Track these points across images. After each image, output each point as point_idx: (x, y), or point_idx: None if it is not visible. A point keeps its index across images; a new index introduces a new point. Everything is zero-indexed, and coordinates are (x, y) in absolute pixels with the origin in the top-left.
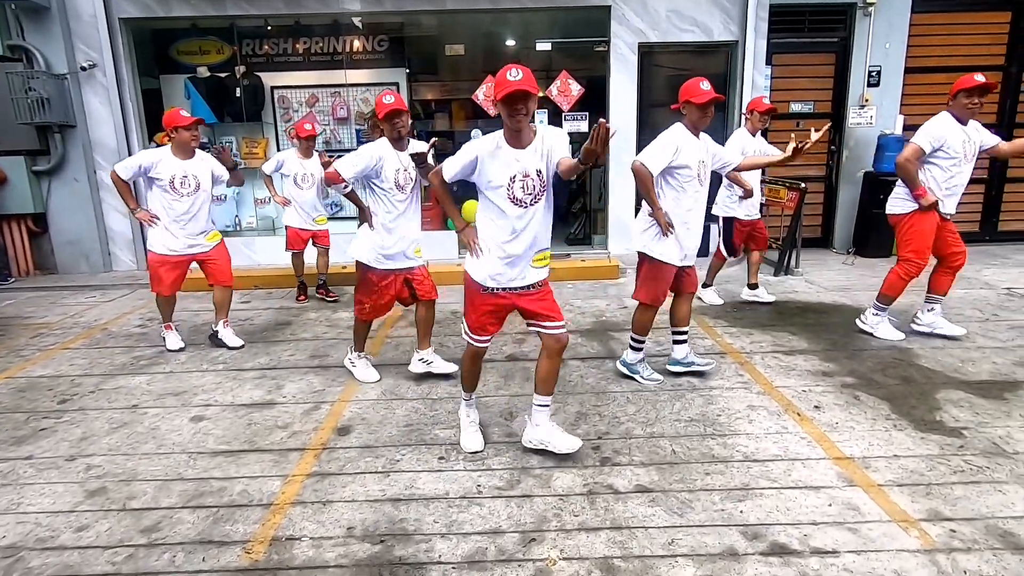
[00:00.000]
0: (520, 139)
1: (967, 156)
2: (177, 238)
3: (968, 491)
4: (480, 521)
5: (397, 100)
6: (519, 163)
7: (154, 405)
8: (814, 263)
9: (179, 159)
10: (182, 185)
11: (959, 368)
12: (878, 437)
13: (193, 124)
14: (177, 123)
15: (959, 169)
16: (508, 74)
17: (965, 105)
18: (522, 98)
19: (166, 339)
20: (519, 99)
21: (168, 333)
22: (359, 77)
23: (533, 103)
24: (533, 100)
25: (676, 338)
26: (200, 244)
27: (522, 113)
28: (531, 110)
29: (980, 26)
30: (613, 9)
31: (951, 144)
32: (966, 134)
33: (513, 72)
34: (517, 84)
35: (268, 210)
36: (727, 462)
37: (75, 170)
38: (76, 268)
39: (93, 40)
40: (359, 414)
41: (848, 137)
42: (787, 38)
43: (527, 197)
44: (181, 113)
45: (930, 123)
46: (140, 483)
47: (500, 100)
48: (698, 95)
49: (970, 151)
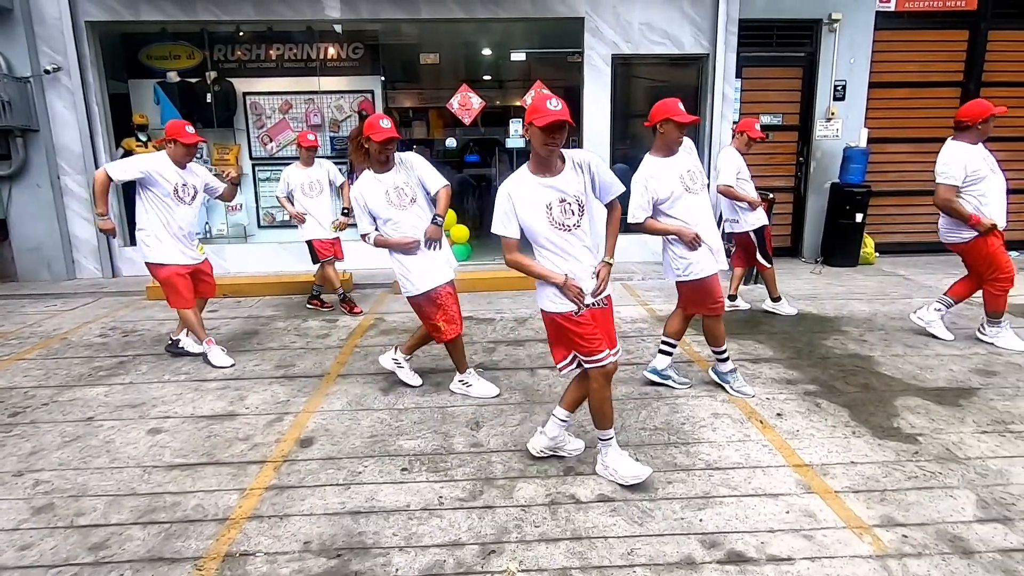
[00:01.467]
0: (547, 167)
1: (993, 170)
2: (184, 247)
3: (921, 496)
4: (440, 533)
5: (393, 127)
6: (551, 189)
7: (110, 417)
8: (783, 272)
9: (178, 168)
10: (184, 193)
11: (917, 375)
12: (837, 444)
13: (194, 144)
14: (180, 138)
15: (989, 186)
16: (548, 103)
17: (984, 131)
18: (560, 128)
19: (210, 357)
20: (558, 129)
21: (211, 348)
22: (333, 84)
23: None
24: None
25: (663, 348)
26: (195, 254)
27: (558, 143)
28: (563, 139)
29: (939, 43)
30: (587, 21)
31: (976, 167)
32: (984, 152)
33: (553, 102)
34: (557, 114)
35: (239, 217)
36: (689, 470)
37: (38, 175)
38: (37, 276)
39: (58, 43)
40: (323, 425)
41: (815, 149)
42: (756, 52)
43: (569, 220)
44: (187, 129)
45: (952, 157)
46: (90, 499)
47: (542, 127)
48: (679, 115)
49: (992, 164)
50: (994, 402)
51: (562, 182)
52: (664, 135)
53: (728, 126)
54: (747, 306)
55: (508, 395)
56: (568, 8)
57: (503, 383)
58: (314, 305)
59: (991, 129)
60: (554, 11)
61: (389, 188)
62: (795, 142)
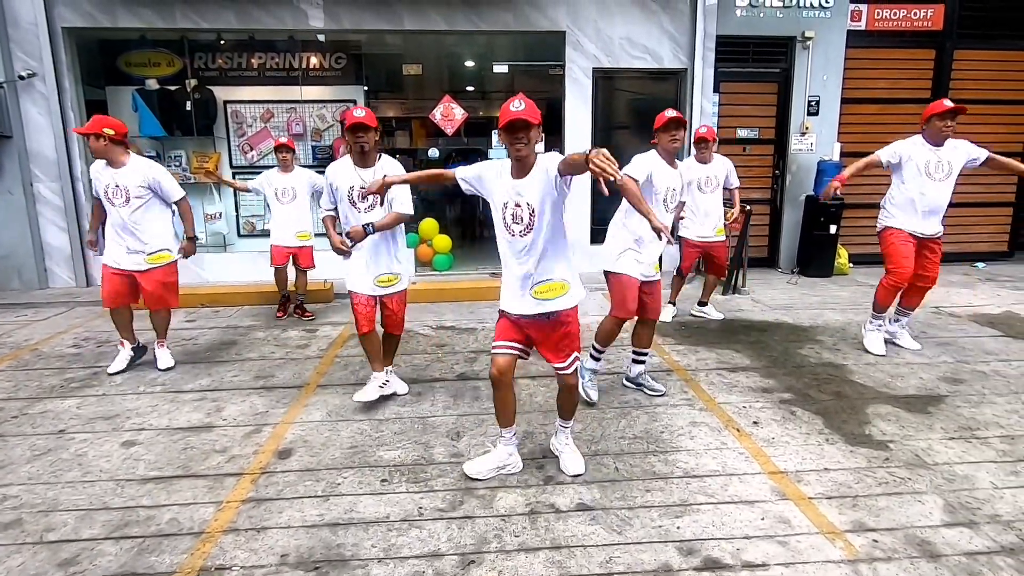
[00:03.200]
0: (520, 168)
1: (933, 176)
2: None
3: (891, 502)
4: (419, 544)
5: (366, 115)
6: (513, 191)
7: (83, 430)
8: (760, 282)
9: (113, 169)
10: (114, 195)
11: (888, 383)
12: (811, 451)
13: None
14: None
15: (926, 188)
16: (512, 104)
17: (940, 129)
18: (523, 128)
19: (115, 358)
20: (519, 128)
21: (121, 350)
22: (315, 93)
23: (535, 133)
24: (535, 130)
25: (635, 358)
26: (131, 260)
27: (523, 142)
28: (532, 139)
29: (908, 62)
30: (568, 35)
31: (915, 160)
32: (937, 155)
33: (516, 103)
34: (515, 114)
35: (219, 226)
36: (667, 478)
37: (9, 182)
38: (7, 284)
39: (33, 48)
40: (302, 436)
41: (791, 162)
42: (733, 67)
43: (516, 227)
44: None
45: (899, 141)
46: (60, 513)
47: (501, 128)
48: (660, 119)
49: (939, 171)
50: (961, 409)
51: (523, 186)
52: (659, 142)
53: None
54: (720, 316)
55: (489, 405)
56: (550, 22)
57: (484, 393)
58: (297, 314)
59: (941, 129)
60: (536, 25)
61: (356, 184)
62: (771, 155)
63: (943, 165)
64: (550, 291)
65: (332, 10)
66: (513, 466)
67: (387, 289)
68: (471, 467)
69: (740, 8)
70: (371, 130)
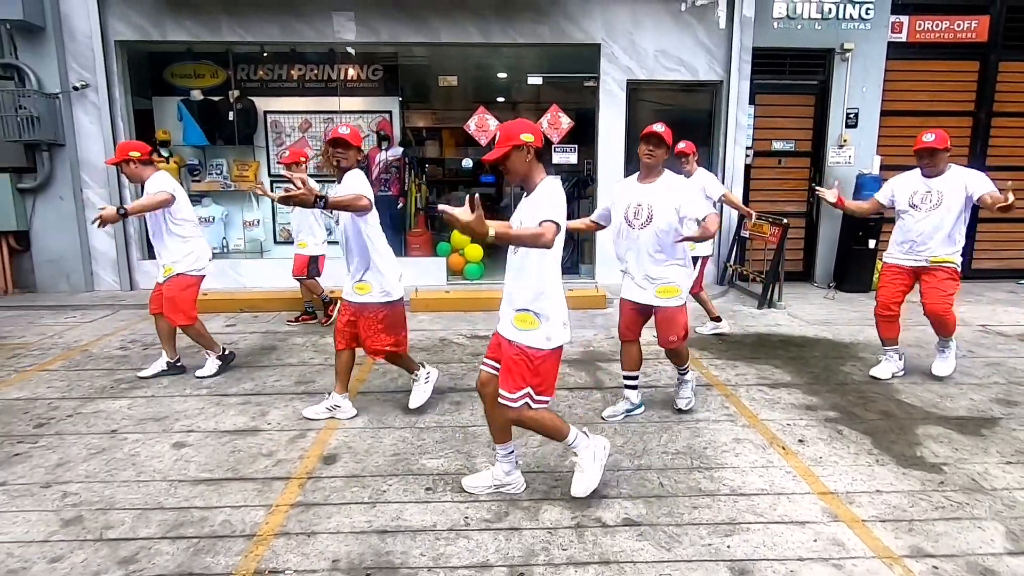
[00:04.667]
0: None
1: (919, 206)
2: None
3: (949, 527)
4: (468, 554)
5: (350, 133)
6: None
7: (134, 430)
8: (796, 296)
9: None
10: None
11: (938, 404)
12: (861, 472)
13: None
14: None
15: (908, 219)
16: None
17: (920, 162)
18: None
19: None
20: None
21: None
22: (353, 104)
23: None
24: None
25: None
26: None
27: (507, 172)
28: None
29: (951, 74)
30: (603, 47)
31: (897, 196)
32: (926, 186)
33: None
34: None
35: (256, 233)
36: (714, 496)
37: (61, 188)
38: (56, 287)
39: (87, 60)
40: (345, 442)
41: (828, 175)
42: (769, 79)
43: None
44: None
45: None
46: (118, 512)
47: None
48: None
49: (926, 202)
50: (1017, 432)
51: (522, 205)
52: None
53: (741, 152)
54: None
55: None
56: (585, 35)
57: None
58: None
59: (923, 160)
60: (571, 37)
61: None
62: (807, 168)
63: (931, 195)
64: (520, 320)
65: (371, 23)
66: (513, 486)
67: (361, 297)
68: (468, 481)
69: (777, 20)
70: (352, 148)
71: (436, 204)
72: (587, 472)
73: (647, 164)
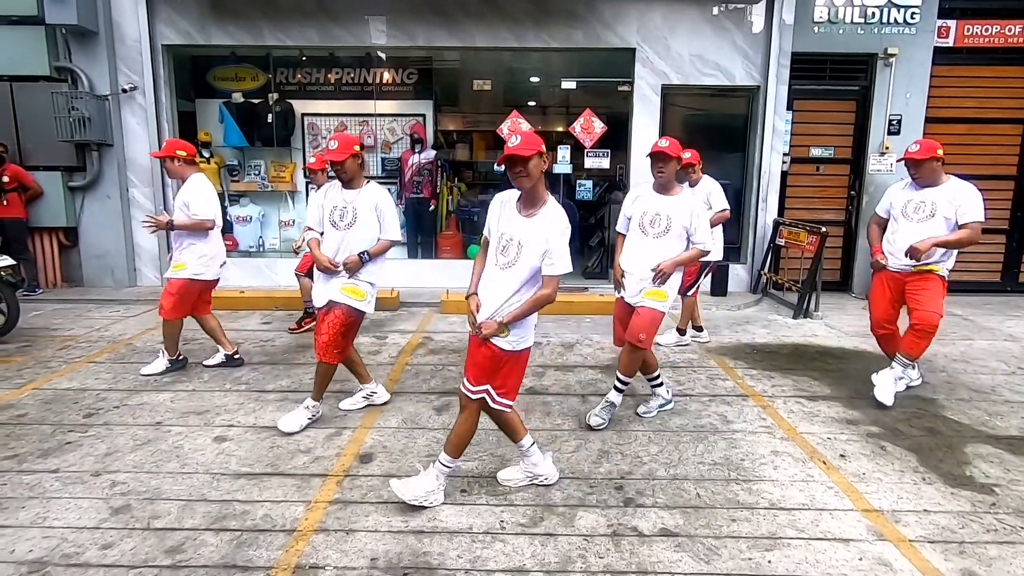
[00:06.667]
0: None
1: (910, 217)
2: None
3: (1003, 551)
4: (504, 559)
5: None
6: (510, 224)
7: (177, 423)
8: (833, 307)
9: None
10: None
11: (987, 422)
12: (907, 490)
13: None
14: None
15: (896, 229)
16: (509, 141)
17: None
18: (517, 162)
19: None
20: (517, 163)
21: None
22: (388, 108)
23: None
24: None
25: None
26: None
27: (520, 176)
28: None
29: (999, 80)
30: (637, 52)
31: (892, 204)
32: (920, 196)
33: (513, 139)
34: (509, 150)
35: (291, 232)
36: (752, 509)
37: (109, 187)
38: (101, 282)
39: (135, 63)
40: (380, 442)
41: (868, 183)
42: (808, 85)
43: (502, 259)
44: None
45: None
46: (164, 502)
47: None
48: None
49: (919, 212)
50: None
51: (525, 223)
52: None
53: (778, 158)
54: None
55: (561, 421)
56: (620, 39)
57: (554, 408)
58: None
59: (909, 171)
60: (606, 42)
61: (338, 204)
62: (846, 175)
63: (925, 206)
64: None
65: (407, 28)
66: (546, 477)
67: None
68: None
69: (818, 25)
70: (342, 162)
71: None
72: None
73: (660, 182)
